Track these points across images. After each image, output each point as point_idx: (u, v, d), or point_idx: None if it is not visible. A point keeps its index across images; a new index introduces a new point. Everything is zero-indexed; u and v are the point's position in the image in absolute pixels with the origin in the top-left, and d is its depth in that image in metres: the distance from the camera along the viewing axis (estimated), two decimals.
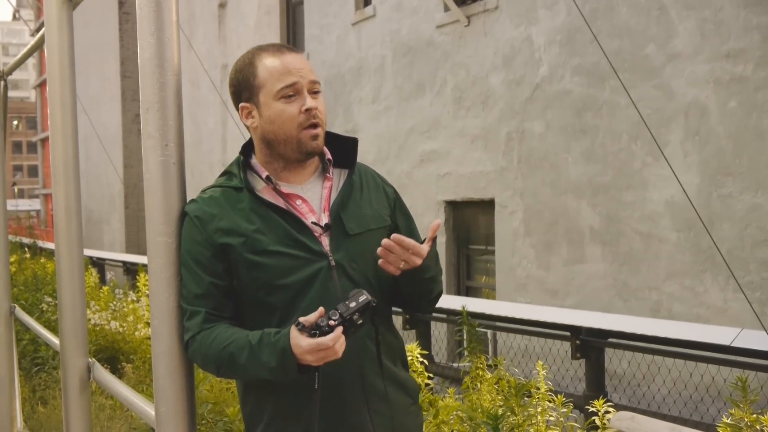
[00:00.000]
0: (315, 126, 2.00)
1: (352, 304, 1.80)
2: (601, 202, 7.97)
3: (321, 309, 1.79)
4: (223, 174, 2.08)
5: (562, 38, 8.39)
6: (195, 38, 17.26)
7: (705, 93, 6.92)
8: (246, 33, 15.60)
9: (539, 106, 8.71)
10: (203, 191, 2.03)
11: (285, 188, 2.04)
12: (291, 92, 1.98)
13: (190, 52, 14.05)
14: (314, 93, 2.02)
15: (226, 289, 1.96)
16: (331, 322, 1.77)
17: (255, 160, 2.07)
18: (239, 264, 1.94)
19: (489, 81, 9.44)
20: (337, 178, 2.11)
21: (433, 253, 2.00)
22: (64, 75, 2.42)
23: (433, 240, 1.97)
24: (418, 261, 1.92)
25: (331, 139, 2.14)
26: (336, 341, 1.76)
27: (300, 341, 1.76)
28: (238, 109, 2.07)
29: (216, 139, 16.83)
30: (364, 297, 1.81)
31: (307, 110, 1.98)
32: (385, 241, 1.90)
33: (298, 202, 2.03)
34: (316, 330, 1.76)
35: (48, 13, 2.43)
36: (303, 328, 1.77)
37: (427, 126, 10.52)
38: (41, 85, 41.09)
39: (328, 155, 2.11)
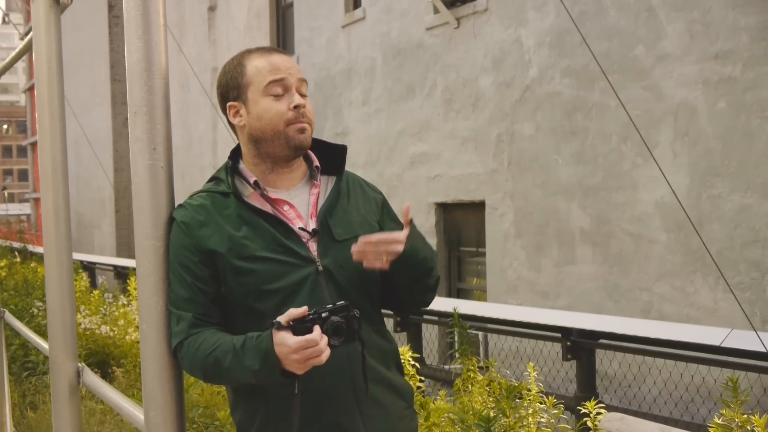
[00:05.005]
0: (302, 122, 2.00)
1: (329, 306, 1.81)
2: (592, 203, 7.99)
3: (305, 308, 1.77)
4: (211, 179, 2.08)
5: (551, 40, 8.41)
6: (185, 41, 17.24)
7: (694, 94, 6.94)
8: (236, 36, 15.60)
9: (529, 108, 8.73)
10: (191, 196, 2.02)
11: (272, 194, 2.03)
12: (279, 89, 1.98)
13: (179, 56, 14.04)
14: (302, 93, 2.03)
15: (213, 294, 1.95)
16: (320, 317, 1.77)
17: (243, 166, 2.07)
18: (227, 270, 1.94)
19: (479, 83, 9.45)
20: (325, 184, 2.11)
21: (416, 234, 1.97)
22: (52, 79, 2.41)
23: (411, 222, 1.93)
24: (400, 247, 1.89)
25: (320, 146, 2.13)
26: (322, 339, 1.75)
27: (287, 340, 1.74)
28: (225, 111, 2.07)
29: (206, 142, 16.82)
30: (342, 302, 1.82)
31: (295, 107, 1.98)
32: (353, 248, 1.89)
33: (286, 207, 2.03)
34: (299, 329, 1.75)
35: (36, 16, 2.42)
36: (280, 327, 1.75)
37: (418, 128, 10.53)
38: (31, 89, 40.95)
39: (316, 162, 2.10)
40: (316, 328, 1.75)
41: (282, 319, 1.76)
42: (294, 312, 1.76)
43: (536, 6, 8.61)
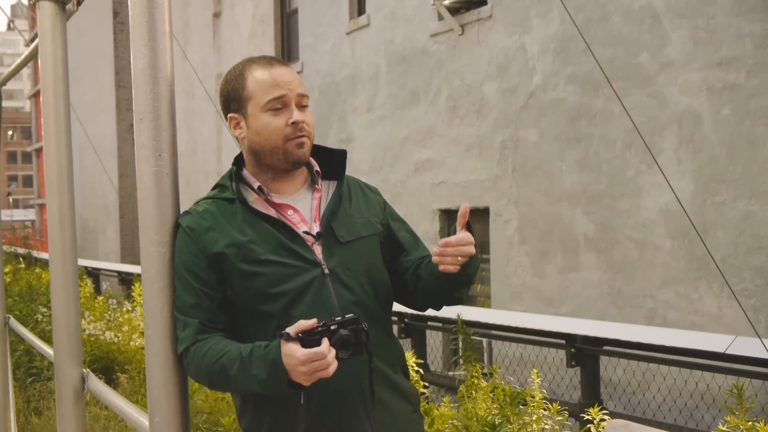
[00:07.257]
0: (301, 137, 2.01)
1: (339, 318, 1.81)
2: (596, 210, 7.98)
3: (314, 320, 1.78)
4: (215, 187, 2.09)
5: (555, 47, 8.42)
6: (189, 48, 17.28)
7: (698, 101, 6.94)
8: (240, 42, 15.63)
9: (533, 115, 8.73)
10: (196, 203, 2.04)
11: (276, 198, 2.05)
12: (279, 105, 2.00)
13: (184, 62, 14.06)
14: (302, 106, 2.03)
15: (219, 300, 1.96)
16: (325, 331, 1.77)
17: (246, 172, 2.09)
18: (233, 274, 1.95)
19: (483, 89, 9.46)
20: (326, 189, 2.13)
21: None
22: (57, 85, 2.42)
23: (468, 224, 1.95)
24: (473, 249, 1.92)
25: (320, 151, 2.15)
26: (330, 352, 1.75)
27: (295, 351, 1.74)
28: (227, 119, 2.08)
29: (211, 148, 16.84)
30: (351, 315, 1.83)
31: (293, 123, 1.99)
32: (434, 251, 1.92)
33: (290, 212, 2.04)
34: (308, 341, 1.76)
35: (41, 23, 2.43)
36: (289, 338, 1.76)
37: (422, 135, 10.54)
38: (36, 95, 41.04)
39: (317, 167, 2.12)
40: (325, 341, 1.75)
41: (291, 330, 1.77)
42: (303, 324, 1.77)
43: (540, 13, 8.62)
